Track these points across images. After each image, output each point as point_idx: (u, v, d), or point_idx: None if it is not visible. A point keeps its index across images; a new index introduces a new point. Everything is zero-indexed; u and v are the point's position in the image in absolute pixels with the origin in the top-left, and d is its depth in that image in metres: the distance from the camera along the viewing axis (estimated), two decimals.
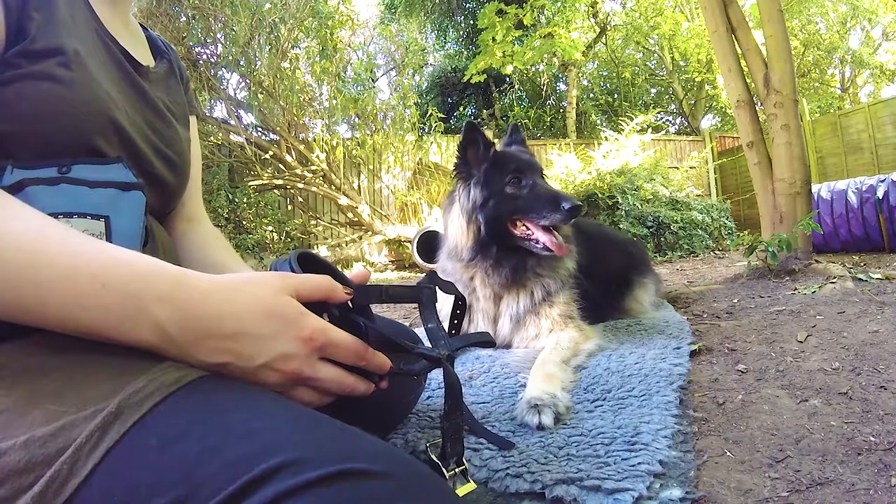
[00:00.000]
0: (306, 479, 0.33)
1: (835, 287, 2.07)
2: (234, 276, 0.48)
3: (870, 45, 13.70)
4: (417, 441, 0.85)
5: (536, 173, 1.54)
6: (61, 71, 0.56)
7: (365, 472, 0.35)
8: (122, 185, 0.60)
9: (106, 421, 0.38)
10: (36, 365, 0.44)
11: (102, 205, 0.57)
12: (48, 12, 0.58)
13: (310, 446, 0.36)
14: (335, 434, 0.40)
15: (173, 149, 0.75)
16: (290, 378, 0.47)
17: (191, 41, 5.48)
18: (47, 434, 0.38)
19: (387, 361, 0.55)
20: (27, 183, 0.53)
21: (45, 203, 0.52)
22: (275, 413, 0.41)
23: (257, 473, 0.34)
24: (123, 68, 0.69)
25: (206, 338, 0.44)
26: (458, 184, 1.59)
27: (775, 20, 2.70)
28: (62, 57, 0.57)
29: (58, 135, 0.56)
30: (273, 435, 0.38)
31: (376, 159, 7.25)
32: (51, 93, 0.55)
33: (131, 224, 0.60)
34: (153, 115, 0.72)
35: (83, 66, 0.59)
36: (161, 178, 0.72)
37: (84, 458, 0.37)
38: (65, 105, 0.56)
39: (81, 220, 0.55)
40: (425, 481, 0.38)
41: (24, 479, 0.36)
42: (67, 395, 0.41)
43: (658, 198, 5.65)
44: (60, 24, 0.59)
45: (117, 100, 0.64)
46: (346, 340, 0.50)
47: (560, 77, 12.46)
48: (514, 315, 1.52)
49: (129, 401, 0.40)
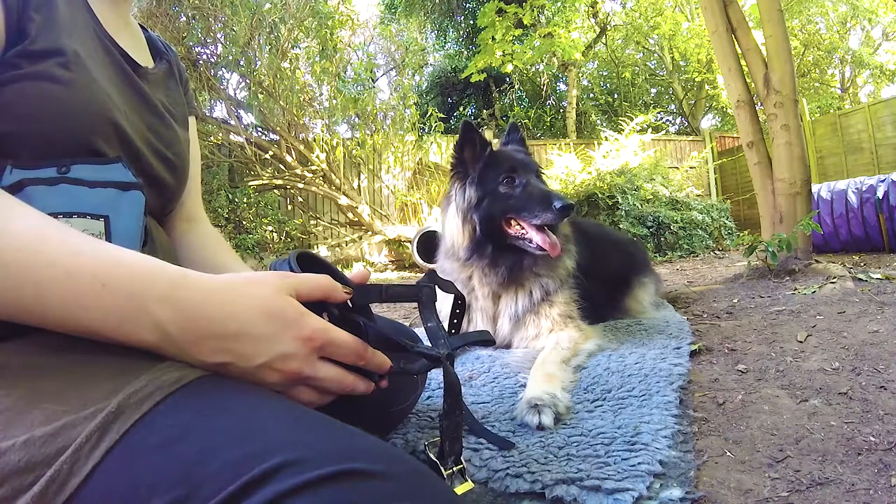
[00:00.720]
0: (306, 478, 0.33)
1: (835, 287, 2.07)
2: (233, 277, 0.48)
3: (870, 45, 13.69)
4: (417, 441, 0.85)
5: (531, 173, 1.54)
6: (61, 71, 0.56)
7: (365, 472, 0.35)
8: (122, 185, 0.60)
9: (106, 421, 0.38)
10: (36, 365, 0.44)
11: (102, 205, 0.57)
12: (48, 13, 0.58)
13: (310, 446, 0.36)
14: (336, 434, 0.40)
15: (172, 150, 0.75)
16: (290, 378, 0.47)
17: (191, 41, 5.47)
18: (47, 434, 0.38)
19: (387, 361, 0.54)
20: (26, 183, 0.53)
21: (44, 203, 0.52)
22: (275, 413, 0.41)
23: (257, 473, 0.34)
24: (123, 69, 0.69)
25: (207, 338, 0.44)
26: (454, 183, 1.59)
27: (775, 20, 2.70)
28: (62, 58, 0.57)
29: (57, 135, 0.56)
30: (273, 435, 0.38)
31: (376, 159, 7.25)
32: (50, 93, 0.55)
33: (131, 224, 0.60)
34: (152, 116, 0.72)
35: (83, 67, 0.59)
36: (160, 179, 0.72)
37: (84, 458, 0.37)
38: (64, 105, 0.56)
39: (81, 220, 0.55)
40: (425, 481, 0.38)
41: (24, 479, 0.36)
42: (68, 395, 0.41)
43: (658, 198, 5.64)
44: (60, 25, 0.59)
45: (117, 101, 0.64)
46: (346, 340, 0.50)
47: (560, 77, 12.45)
48: (513, 314, 1.52)
49: (129, 400, 0.40)
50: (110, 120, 0.61)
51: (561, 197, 1.42)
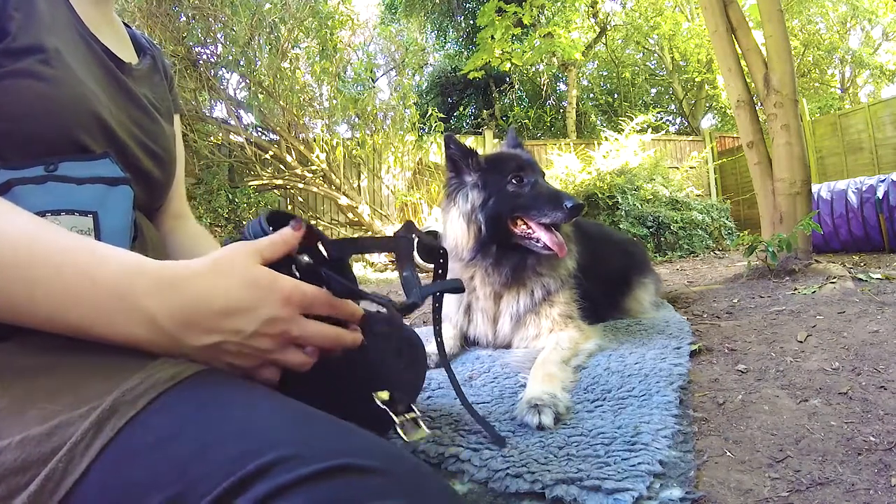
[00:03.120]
0: (301, 474, 0.33)
1: (835, 287, 2.07)
2: (205, 259, 0.49)
3: (870, 45, 13.69)
4: (417, 441, 0.85)
5: (538, 173, 1.54)
6: (42, 68, 0.57)
7: (361, 467, 0.35)
8: (110, 181, 0.60)
9: (100, 419, 0.38)
10: (32, 365, 0.44)
11: (90, 201, 0.57)
12: (28, 11, 0.58)
13: (305, 442, 0.37)
14: (331, 430, 0.40)
15: (159, 144, 0.75)
16: (281, 340, 0.48)
17: (191, 41, 5.47)
18: (42, 433, 0.38)
19: (358, 309, 0.55)
20: (14, 183, 0.53)
21: (32, 202, 0.52)
22: (270, 410, 0.42)
23: (252, 469, 0.34)
24: (105, 66, 0.69)
25: (198, 321, 0.45)
26: (453, 192, 1.58)
27: (775, 20, 2.70)
28: (43, 54, 0.57)
29: (42, 132, 0.56)
30: (268, 431, 0.38)
31: (376, 159, 7.25)
32: (32, 90, 0.55)
33: (120, 219, 0.60)
34: (137, 110, 0.73)
35: (64, 64, 0.59)
36: (148, 173, 0.73)
37: (79, 457, 0.37)
38: (47, 102, 0.56)
39: (69, 217, 0.55)
40: (422, 477, 0.38)
41: (19, 479, 0.36)
42: (63, 394, 0.41)
43: (658, 198, 5.64)
44: (40, 23, 0.59)
45: (100, 96, 0.64)
46: (313, 291, 0.51)
47: (560, 77, 12.44)
48: (514, 314, 1.53)
49: (124, 398, 0.40)
50: (94, 114, 0.61)
51: (571, 197, 1.43)
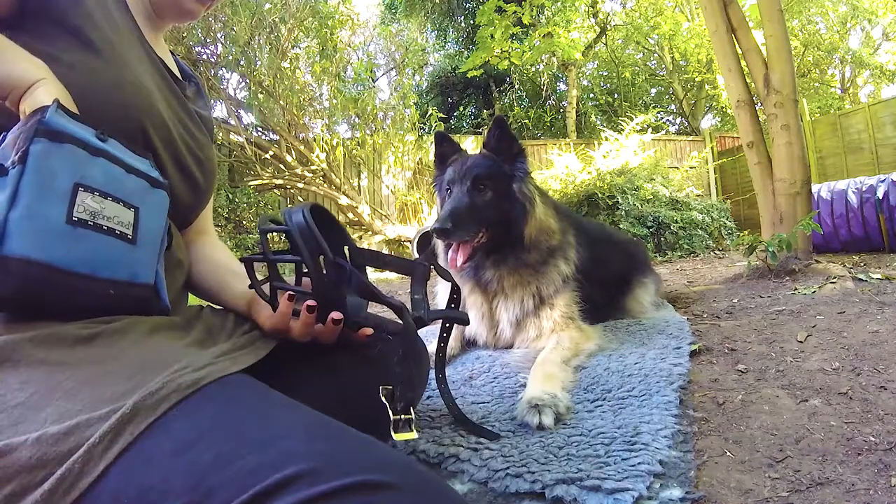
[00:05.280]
0: (320, 490, 0.33)
1: (835, 287, 2.07)
2: None
3: (870, 45, 13.67)
4: (417, 441, 0.85)
5: (456, 182, 1.48)
6: (111, 53, 0.64)
7: (378, 483, 0.35)
8: (152, 181, 0.61)
9: (120, 422, 0.38)
10: (52, 359, 0.44)
11: (134, 194, 0.57)
12: (104, 12, 0.67)
13: (323, 457, 0.36)
14: (349, 443, 0.40)
15: (204, 152, 0.79)
16: None
17: (191, 41, 5.47)
18: (60, 432, 0.38)
19: None
20: (67, 138, 0.51)
21: (83, 173, 0.52)
22: (290, 421, 0.41)
23: (270, 483, 0.33)
24: (163, 75, 0.74)
25: None
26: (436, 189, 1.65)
27: (775, 20, 2.69)
28: (110, 46, 0.65)
29: (106, 102, 0.61)
30: (287, 444, 0.38)
31: (376, 159, 7.25)
32: (97, 68, 0.62)
33: (157, 222, 0.61)
34: (189, 119, 0.77)
35: (126, 60, 0.66)
36: (193, 175, 0.75)
37: (96, 459, 0.37)
38: (112, 76, 0.63)
39: (115, 206, 0.55)
40: (437, 492, 0.38)
41: (33, 477, 0.36)
42: (82, 393, 0.41)
43: (658, 198, 5.63)
44: (111, 22, 0.67)
45: (158, 96, 0.69)
46: None
47: (560, 77, 12.42)
48: (513, 317, 1.53)
49: (145, 402, 0.39)
50: (153, 105, 0.66)
51: (439, 219, 1.38)
